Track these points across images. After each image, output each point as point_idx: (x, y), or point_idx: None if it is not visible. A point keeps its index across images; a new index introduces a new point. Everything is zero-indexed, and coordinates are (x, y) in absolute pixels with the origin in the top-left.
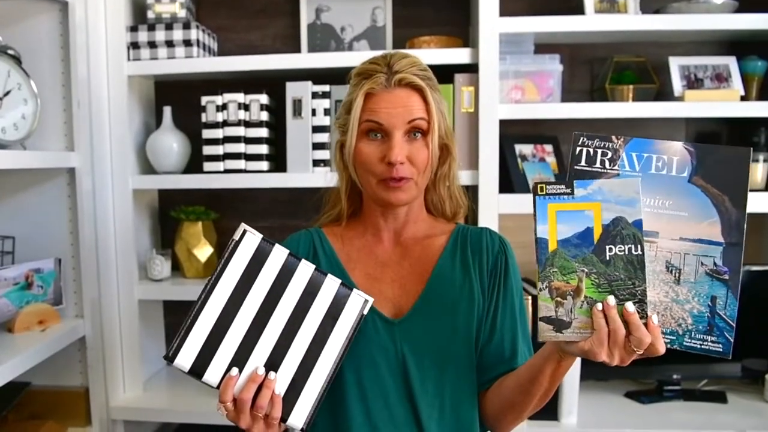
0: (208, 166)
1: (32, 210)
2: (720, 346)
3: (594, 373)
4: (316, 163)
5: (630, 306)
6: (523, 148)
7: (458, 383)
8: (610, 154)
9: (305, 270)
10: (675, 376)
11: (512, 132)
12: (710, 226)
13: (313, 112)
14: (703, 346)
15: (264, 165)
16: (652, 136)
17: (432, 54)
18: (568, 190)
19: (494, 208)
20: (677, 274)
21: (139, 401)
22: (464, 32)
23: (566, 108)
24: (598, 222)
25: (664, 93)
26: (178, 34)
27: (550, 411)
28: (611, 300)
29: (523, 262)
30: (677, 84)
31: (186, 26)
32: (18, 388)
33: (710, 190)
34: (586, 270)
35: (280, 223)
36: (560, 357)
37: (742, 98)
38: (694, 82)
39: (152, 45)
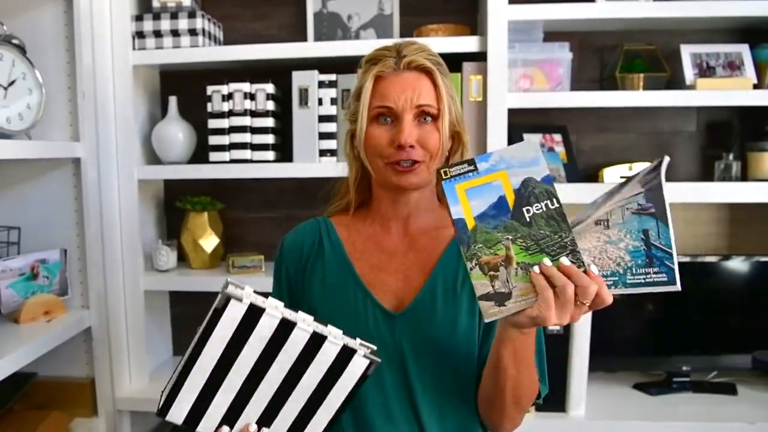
0: (213, 156)
1: (37, 200)
2: (664, 275)
3: (602, 364)
4: (323, 152)
5: (565, 260)
6: (531, 138)
7: (459, 379)
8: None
9: (300, 335)
10: (684, 368)
11: (521, 121)
12: (631, 189)
13: (320, 102)
14: (647, 280)
15: (270, 155)
16: (663, 126)
17: (440, 42)
18: (472, 167)
19: None
20: (605, 223)
21: (145, 392)
22: (472, 20)
23: (576, 97)
24: (508, 189)
25: (675, 81)
26: (183, 24)
27: (558, 403)
28: (547, 261)
29: None
30: (689, 72)
31: (191, 15)
32: (24, 379)
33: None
34: (510, 237)
35: (287, 214)
36: (512, 335)
37: (755, 86)
38: (705, 71)
39: (157, 34)
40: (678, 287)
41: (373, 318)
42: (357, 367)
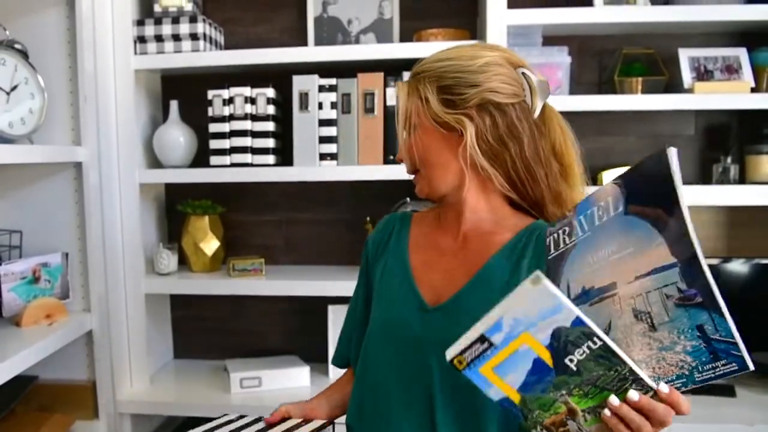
0: (214, 159)
1: (39, 204)
2: (735, 365)
3: None
4: (323, 156)
5: (633, 395)
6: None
7: None
8: (567, 230)
9: None
10: None
11: None
12: (658, 250)
13: (320, 106)
14: (717, 373)
15: (270, 159)
16: (662, 129)
17: (439, 47)
18: (486, 345)
19: None
20: (649, 320)
21: (145, 395)
22: (472, 24)
23: (575, 100)
24: (539, 348)
25: (673, 85)
26: (184, 28)
27: None
28: (614, 400)
29: None
30: (687, 76)
31: (193, 20)
32: (25, 382)
33: (645, 211)
34: (564, 392)
35: (287, 217)
36: None
37: (753, 90)
38: (703, 74)
39: (159, 39)
40: (751, 368)
41: (408, 309)
42: None
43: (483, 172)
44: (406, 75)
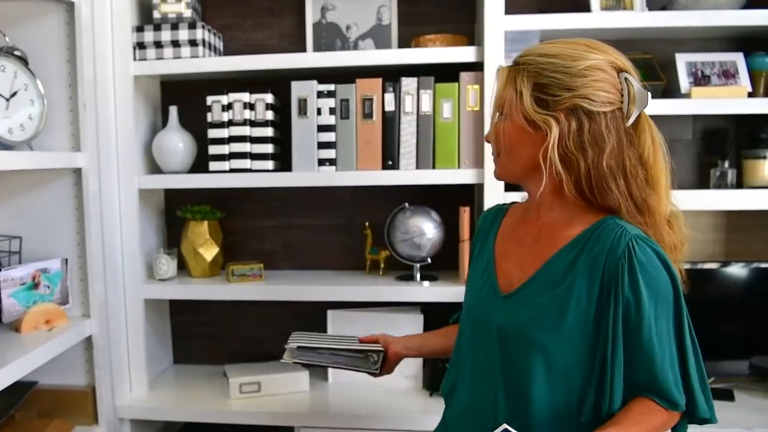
0: (213, 165)
1: (39, 210)
2: None
3: None
4: (322, 162)
5: None
6: None
7: (536, 368)
8: None
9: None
10: None
11: None
12: None
13: (319, 111)
14: None
15: (269, 164)
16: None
17: (437, 52)
18: None
19: None
20: None
21: (145, 400)
22: (470, 30)
23: None
24: None
25: (670, 90)
26: (183, 34)
27: None
28: None
29: None
30: (684, 81)
31: (192, 26)
32: (25, 387)
33: None
34: None
35: (286, 222)
36: None
37: (750, 95)
38: (701, 79)
39: (158, 45)
40: None
41: (486, 296)
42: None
43: (556, 175)
44: (405, 80)
